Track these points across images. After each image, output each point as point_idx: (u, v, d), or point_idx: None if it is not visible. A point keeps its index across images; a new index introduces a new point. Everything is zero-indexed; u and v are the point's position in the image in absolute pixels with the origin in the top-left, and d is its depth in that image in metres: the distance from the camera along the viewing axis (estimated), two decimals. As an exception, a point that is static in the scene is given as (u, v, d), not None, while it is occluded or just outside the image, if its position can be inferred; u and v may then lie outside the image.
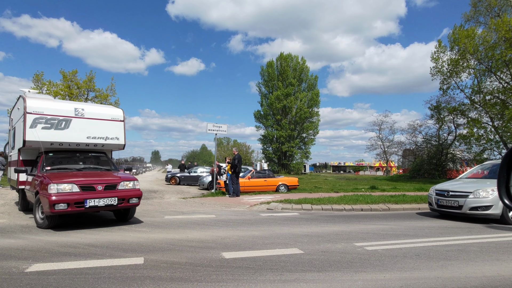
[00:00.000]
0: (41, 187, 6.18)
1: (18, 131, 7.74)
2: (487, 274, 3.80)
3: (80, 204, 6.05)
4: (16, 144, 7.99)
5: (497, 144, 24.40)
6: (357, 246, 5.07)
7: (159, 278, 3.53)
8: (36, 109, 7.30)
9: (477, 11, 25.11)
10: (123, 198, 6.54)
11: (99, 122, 8.19)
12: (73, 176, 6.67)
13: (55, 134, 7.46)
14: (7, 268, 3.80)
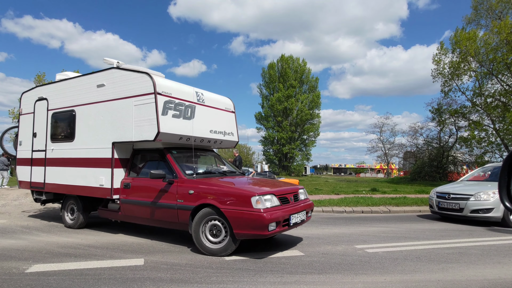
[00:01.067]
0: (226, 200, 4.46)
1: (121, 117, 5.56)
2: (488, 277, 3.78)
3: (286, 222, 4.56)
4: (114, 134, 5.63)
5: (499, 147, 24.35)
6: (358, 248, 5.06)
7: (159, 279, 3.52)
8: (165, 90, 5.38)
9: (478, 14, 25.11)
10: (307, 210, 5.20)
11: (218, 112, 6.59)
12: (246, 183, 5.31)
13: (183, 125, 5.63)
14: (7, 269, 3.80)
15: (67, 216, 6.58)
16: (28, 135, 7.18)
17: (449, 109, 27.57)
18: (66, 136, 6.50)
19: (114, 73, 5.80)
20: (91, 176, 5.88)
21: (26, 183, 7.20)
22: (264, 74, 49.51)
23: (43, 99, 6.98)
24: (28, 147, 7.14)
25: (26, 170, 7.13)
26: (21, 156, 7.34)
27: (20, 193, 12.85)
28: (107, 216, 5.98)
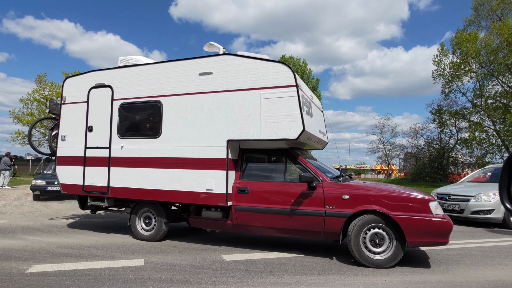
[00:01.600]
0: (396, 206, 4.10)
1: (240, 111, 4.80)
2: (488, 279, 3.78)
3: None
4: (229, 131, 4.82)
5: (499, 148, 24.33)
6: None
7: (160, 280, 3.52)
8: (299, 83, 4.73)
9: (478, 15, 25.12)
10: None
11: (319, 111, 6.06)
12: (396, 188, 4.68)
13: (311, 124, 5.01)
14: (7, 269, 3.80)
15: (139, 227, 5.55)
16: (77, 129, 5.97)
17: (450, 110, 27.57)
18: (146, 132, 5.53)
19: (228, 60, 4.95)
20: (191, 179, 4.97)
21: (74, 187, 5.92)
22: (264, 75, 49.48)
23: (104, 87, 5.81)
24: (77, 143, 5.94)
25: (75, 171, 5.90)
26: (65, 154, 6.05)
27: (20, 193, 12.85)
28: (204, 226, 5.19)
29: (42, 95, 26.14)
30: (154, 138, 5.35)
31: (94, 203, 5.96)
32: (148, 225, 5.53)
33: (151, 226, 5.50)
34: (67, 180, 6.02)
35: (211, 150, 4.90)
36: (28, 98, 25.68)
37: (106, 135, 5.74)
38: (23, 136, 25.72)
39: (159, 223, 5.39)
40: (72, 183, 5.95)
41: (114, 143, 5.65)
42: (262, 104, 4.66)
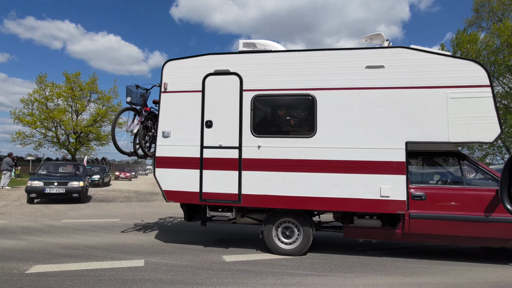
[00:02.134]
0: None
1: (421, 111, 4.37)
2: (489, 280, 3.77)
3: None
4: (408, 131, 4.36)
5: (500, 149, 24.32)
6: (358, 251, 5.05)
7: (160, 281, 3.52)
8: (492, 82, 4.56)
9: (479, 17, 25.12)
10: None
11: None
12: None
13: None
14: (7, 269, 3.80)
15: (278, 240, 4.79)
16: (186, 124, 4.95)
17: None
18: (294, 130, 4.81)
19: (402, 54, 4.47)
20: (360, 184, 4.42)
21: (186, 195, 4.88)
22: (265, 75, 49.53)
23: (227, 74, 4.90)
24: (187, 141, 4.92)
25: (185, 175, 4.86)
26: (169, 154, 4.96)
27: (21, 194, 12.86)
28: (362, 235, 4.69)
29: (42, 95, 26.18)
30: (306, 138, 4.61)
31: (216, 213, 4.93)
32: (289, 237, 4.79)
33: (293, 238, 4.76)
34: (174, 186, 4.90)
35: (385, 153, 4.38)
36: (29, 99, 25.71)
37: (233, 133, 4.80)
38: (23, 136, 25.73)
39: (305, 235, 4.68)
40: (183, 190, 4.87)
41: (246, 142, 4.74)
42: (449, 104, 4.28)
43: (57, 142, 26.93)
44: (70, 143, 27.48)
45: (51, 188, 10.06)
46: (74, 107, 28.05)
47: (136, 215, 8.37)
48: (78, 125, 27.05)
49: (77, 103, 27.75)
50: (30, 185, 10.01)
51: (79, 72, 27.72)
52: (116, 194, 14.73)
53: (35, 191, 9.96)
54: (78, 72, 27.71)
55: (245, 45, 5.18)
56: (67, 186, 10.33)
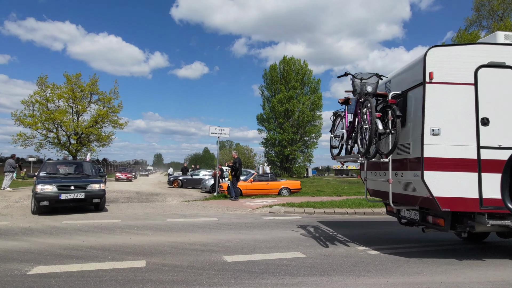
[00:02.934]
0: None
1: None
2: (491, 279, 3.77)
3: None
4: None
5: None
6: (360, 250, 5.04)
7: (161, 281, 3.52)
8: None
9: (479, 15, 25.12)
10: None
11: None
12: None
13: None
14: (9, 271, 3.80)
15: None
16: (458, 121, 4.41)
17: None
18: None
19: None
20: None
21: (463, 201, 4.25)
22: (265, 75, 49.56)
23: (505, 67, 4.43)
24: (461, 140, 4.36)
25: (461, 179, 4.25)
26: (440, 154, 4.31)
27: (22, 195, 12.89)
28: None
29: (43, 97, 26.21)
30: None
31: (498, 222, 4.28)
32: None
33: None
34: (449, 192, 4.26)
35: None
36: (29, 100, 25.74)
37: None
38: (24, 138, 25.77)
39: None
40: (459, 196, 4.26)
41: None
42: None
43: (58, 143, 26.97)
44: (71, 144, 27.52)
45: (68, 193, 8.18)
46: (75, 108, 28.10)
47: (138, 216, 8.37)
48: (79, 126, 27.10)
49: (78, 104, 27.80)
50: (41, 191, 8.00)
51: (79, 73, 27.79)
52: (117, 195, 14.75)
53: (47, 198, 8.01)
54: (79, 73, 27.78)
55: (506, 37, 4.80)
56: (86, 190, 8.54)
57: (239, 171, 13.05)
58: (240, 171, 13.22)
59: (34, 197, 8.10)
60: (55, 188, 8.22)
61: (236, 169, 12.95)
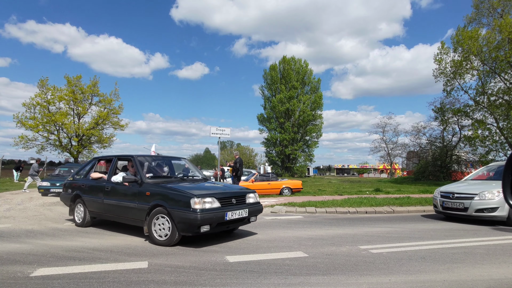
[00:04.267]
0: None
1: None
2: (494, 277, 3.76)
3: None
4: None
5: (502, 146, 24.23)
6: (362, 249, 5.04)
7: (164, 282, 3.53)
8: None
9: (479, 13, 25.05)
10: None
11: None
12: None
13: None
14: (12, 273, 3.81)
15: None
16: None
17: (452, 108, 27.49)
18: None
19: None
20: None
21: None
22: (266, 75, 49.58)
23: None
24: None
25: None
26: None
27: (24, 197, 12.93)
28: None
29: (44, 99, 26.29)
30: None
31: None
32: None
33: None
34: None
35: None
36: (31, 103, 25.85)
37: None
38: (26, 140, 25.86)
39: None
40: None
41: None
42: None
43: (59, 145, 27.05)
44: (72, 146, 27.58)
45: (233, 210, 5.32)
46: (76, 110, 28.19)
47: (139, 217, 8.38)
48: (80, 128, 27.17)
49: (79, 106, 27.89)
50: (203, 207, 4.95)
51: (80, 75, 27.90)
52: (119, 196, 14.77)
53: (212, 220, 5.01)
54: (79, 75, 27.89)
55: None
56: (247, 204, 5.77)
57: (240, 171, 13.06)
58: (241, 171, 13.23)
59: (187, 218, 4.89)
60: (217, 203, 5.21)
61: (237, 169, 12.96)
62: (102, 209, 6.40)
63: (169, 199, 5.19)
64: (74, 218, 7.06)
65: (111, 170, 6.65)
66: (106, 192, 6.31)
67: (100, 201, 6.37)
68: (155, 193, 5.41)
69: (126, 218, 5.95)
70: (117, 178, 6.29)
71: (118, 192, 6.09)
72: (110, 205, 6.18)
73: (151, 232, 5.31)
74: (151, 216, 5.31)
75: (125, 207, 5.86)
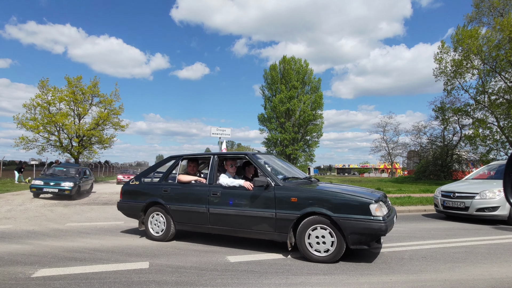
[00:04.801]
0: None
1: None
2: (495, 276, 3.75)
3: None
4: None
5: (503, 145, 24.20)
6: (363, 250, 5.03)
7: (165, 283, 3.53)
8: None
9: (479, 12, 25.02)
10: None
11: None
12: None
13: None
14: (13, 274, 3.82)
15: None
16: None
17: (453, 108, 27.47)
18: None
19: None
20: None
21: None
22: (266, 75, 49.57)
23: None
24: None
25: None
26: None
27: (25, 198, 12.94)
28: None
29: (45, 100, 26.30)
30: None
31: None
32: None
33: None
34: None
35: None
36: (31, 104, 25.84)
37: None
38: (26, 141, 25.87)
39: None
40: None
41: None
42: None
43: (60, 146, 27.06)
44: (73, 146, 27.60)
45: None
46: (76, 111, 28.20)
47: (140, 218, 8.38)
48: (80, 128, 27.18)
49: (79, 106, 27.90)
50: None
51: (80, 76, 27.90)
52: (120, 196, 14.77)
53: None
54: (80, 76, 27.89)
55: None
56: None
57: (241, 171, 13.05)
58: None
59: (367, 228, 4.09)
60: (385, 209, 4.57)
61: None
62: (203, 220, 5.14)
63: (333, 205, 4.27)
64: (148, 231, 5.73)
65: (213, 171, 5.33)
66: (212, 199, 5.09)
67: (203, 210, 5.11)
68: (305, 198, 4.46)
69: (250, 231, 4.81)
70: (228, 181, 5.04)
71: (237, 198, 4.91)
72: (221, 215, 4.98)
73: (304, 248, 4.36)
74: (303, 228, 4.38)
75: (252, 217, 4.72)
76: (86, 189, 15.32)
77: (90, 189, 16.44)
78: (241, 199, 4.88)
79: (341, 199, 4.28)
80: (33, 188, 12.88)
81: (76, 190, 13.11)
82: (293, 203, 4.48)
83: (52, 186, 12.70)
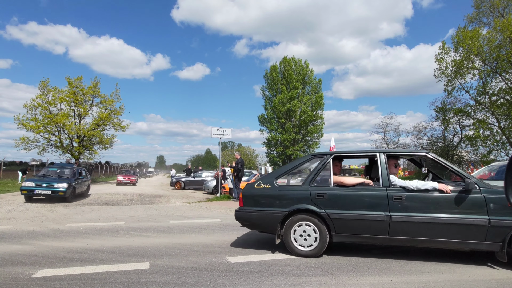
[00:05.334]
0: None
1: None
2: (496, 277, 3.75)
3: None
4: None
5: (504, 145, 24.17)
6: (364, 250, 5.03)
7: (165, 283, 3.53)
8: None
9: (480, 12, 25.02)
10: None
11: None
12: None
13: None
14: (14, 274, 3.82)
15: None
16: None
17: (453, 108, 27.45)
18: None
19: None
20: None
21: None
22: (266, 76, 49.59)
23: None
24: None
25: None
26: None
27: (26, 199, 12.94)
28: None
29: (45, 100, 26.33)
30: None
31: None
32: None
33: None
34: None
35: None
36: (32, 104, 25.86)
37: None
38: (27, 141, 25.89)
39: None
40: None
41: None
42: None
43: (60, 147, 27.08)
44: (73, 147, 27.62)
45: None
46: (77, 112, 28.23)
47: (141, 218, 8.39)
48: (81, 129, 27.21)
49: (80, 107, 27.93)
50: None
51: (81, 77, 27.93)
52: (120, 197, 14.78)
53: None
54: (80, 77, 27.91)
55: None
56: None
57: (241, 172, 13.07)
58: (242, 172, 13.23)
59: None
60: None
61: (238, 170, 12.96)
62: (380, 230, 4.38)
63: None
64: (291, 245, 4.70)
65: (385, 171, 4.56)
66: (396, 204, 4.35)
67: (382, 218, 4.34)
68: None
69: (447, 241, 4.21)
70: (419, 183, 4.38)
71: (432, 203, 4.28)
72: (408, 224, 4.27)
73: None
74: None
75: (453, 224, 4.15)
76: (82, 190, 14.13)
77: (87, 190, 15.18)
78: (437, 204, 4.26)
79: None
80: (23, 190, 11.48)
81: (71, 191, 11.97)
82: (510, 208, 3.97)
83: (45, 187, 11.53)
